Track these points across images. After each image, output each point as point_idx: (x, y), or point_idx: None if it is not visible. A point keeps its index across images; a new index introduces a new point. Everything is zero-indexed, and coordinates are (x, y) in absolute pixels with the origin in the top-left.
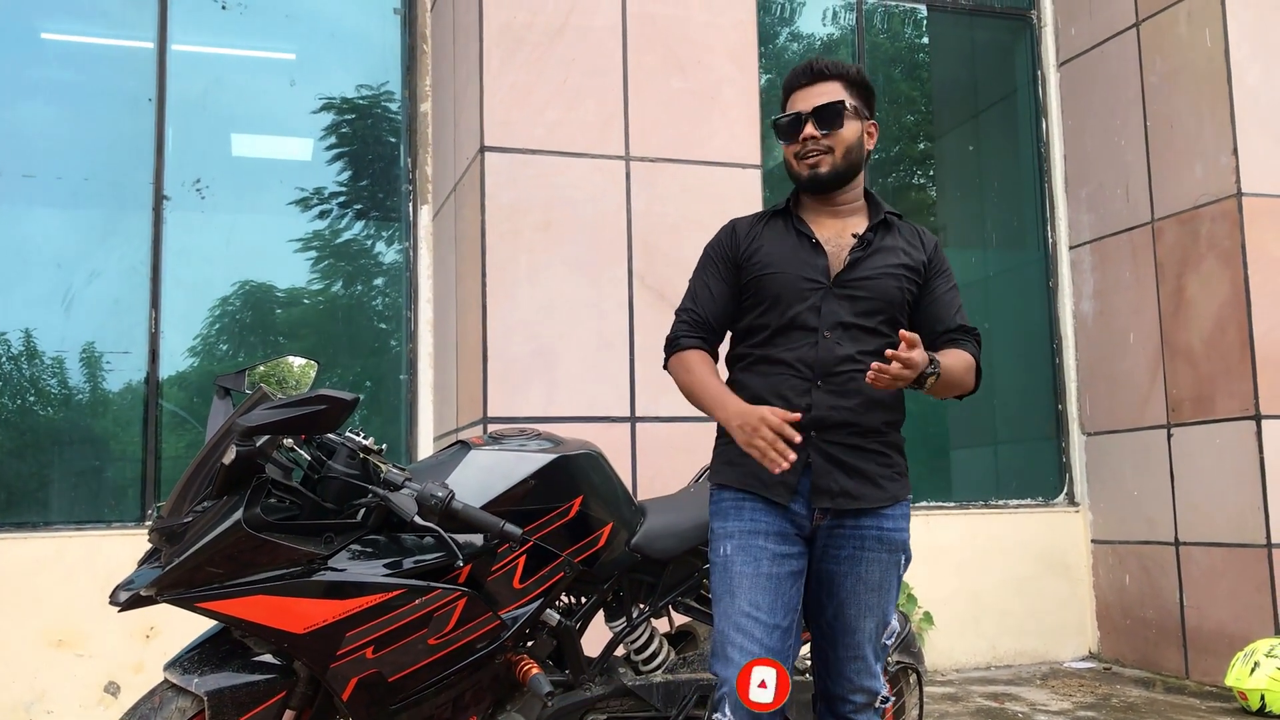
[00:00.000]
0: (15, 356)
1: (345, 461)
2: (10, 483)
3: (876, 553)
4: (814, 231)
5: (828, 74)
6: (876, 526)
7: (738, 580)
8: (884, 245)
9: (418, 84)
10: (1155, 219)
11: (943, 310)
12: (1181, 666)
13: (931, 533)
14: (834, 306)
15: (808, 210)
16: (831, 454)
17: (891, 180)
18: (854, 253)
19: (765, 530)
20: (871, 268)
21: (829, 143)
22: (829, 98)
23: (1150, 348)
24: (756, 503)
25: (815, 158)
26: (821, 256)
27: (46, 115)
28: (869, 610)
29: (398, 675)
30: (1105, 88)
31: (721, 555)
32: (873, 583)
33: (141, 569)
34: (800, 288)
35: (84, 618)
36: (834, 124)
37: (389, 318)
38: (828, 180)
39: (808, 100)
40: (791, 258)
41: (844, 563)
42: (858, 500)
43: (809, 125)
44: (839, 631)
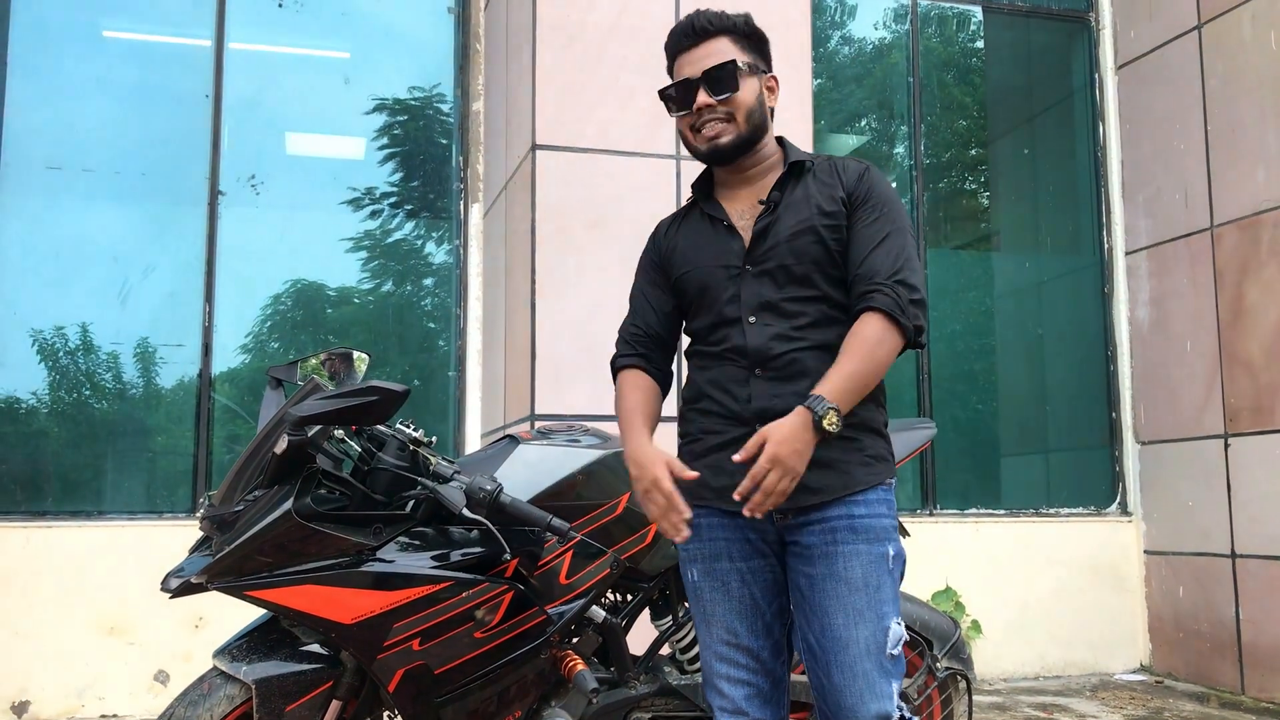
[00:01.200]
0: (72, 350)
1: (395, 453)
2: (66, 473)
3: (852, 545)
4: (726, 212)
5: (712, 29)
6: (847, 515)
7: (710, 608)
8: (794, 200)
9: (470, 83)
10: (1215, 225)
11: (859, 254)
12: (1237, 681)
13: (981, 540)
14: (754, 288)
15: (720, 186)
16: None
17: (944, 186)
18: (760, 221)
19: (726, 550)
20: (782, 232)
21: (727, 108)
22: (719, 58)
23: (1208, 356)
24: (711, 517)
25: (716, 127)
26: (736, 239)
27: (106, 111)
28: (859, 616)
29: (444, 668)
30: (1165, 91)
31: (690, 581)
32: (855, 581)
33: (192, 556)
34: (720, 277)
35: (135, 607)
36: (729, 87)
37: (438, 316)
38: (730, 150)
39: (695, 64)
40: (706, 248)
41: (818, 562)
42: (817, 493)
43: (701, 92)
44: (830, 649)
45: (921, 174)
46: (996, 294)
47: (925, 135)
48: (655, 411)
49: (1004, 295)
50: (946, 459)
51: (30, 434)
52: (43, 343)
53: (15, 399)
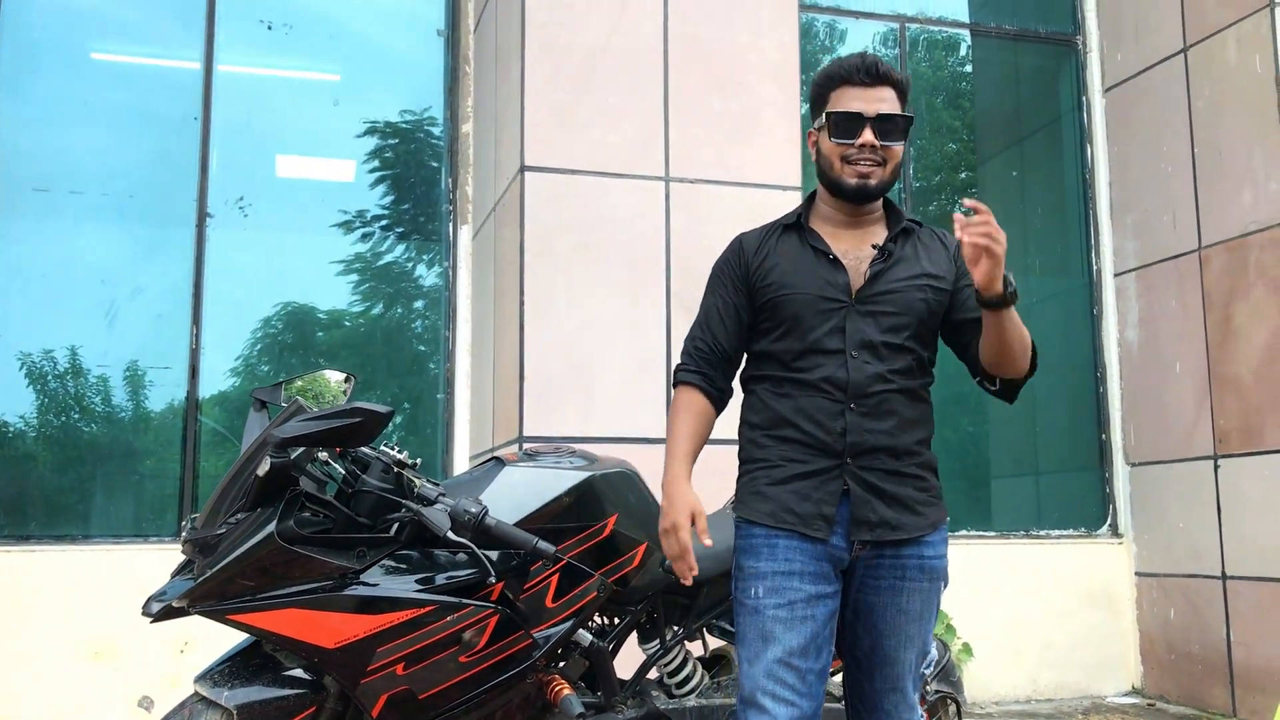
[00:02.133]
0: (59, 373)
1: (379, 476)
2: (51, 496)
3: (918, 582)
4: (830, 246)
5: (890, 80)
6: (918, 555)
7: (771, 624)
8: (905, 255)
9: (459, 105)
10: (1202, 246)
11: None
12: (1229, 704)
13: (971, 563)
14: (858, 325)
15: (823, 221)
16: (869, 481)
17: (934, 208)
18: (874, 265)
19: (800, 570)
20: (894, 280)
21: (885, 155)
22: (891, 108)
23: (1197, 377)
24: (790, 540)
25: (868, 167)
26: (841, 273)
27: (94, 134)
28: (909, 641)
29: (428, 693)
30: (1152, 113)
31: (752, 597)
32: (914, 613)
33: (174, 580)
34: (821, 308)
35: (120, 631)
36: (894, 137)
37: (428, 339)
38: (875, 193)
39: (868, 103)
40: (809, 275)
41: (884, 594)
42: (898, 530)
43: (868, 131)
44: (878, 663)
45: (911, 197)
46: None
47: (915, 158)
48: (704, 436)
49: None
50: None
51: (15, 457)
52: (30, 365)
53: (0, 422)
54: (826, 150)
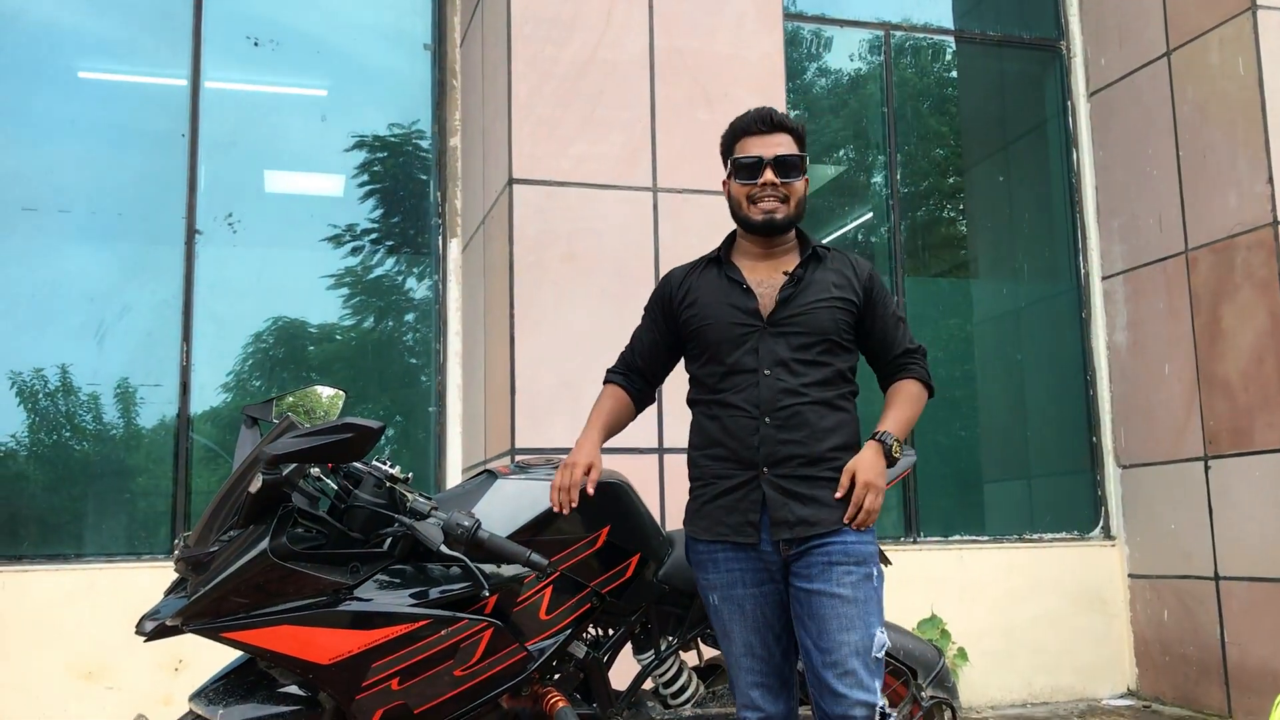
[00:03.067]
0: (51, 392)
1: (372, 490)
2: (43, 515)
3: (844, 565)
4: (745, 276)
5: (785, 127)
6: (841, 543)
7: (729, 626)
8: (815, 279)
9: (447, 119)
10: (1189, 249)
11: (888, 337)
12: (1224, 704)
13: (965, 567)
14: (771, 345)
15: (741, 254)
16: (784, 486)
17: (921, 214)
18: (784, 290)
19: (741, 578)
20: (803, 303)
21: (786, 191)
22: (787, 149)
23: (1186, 379)
24: (728, 551)
25: (772, 204)
26: (752, 299)
27: (81, 152)
28: (849, 624)
29: (424, 707)
30: (1136, 117)
31: (712, 605)
32: (846, 595)
33: (168, 599)
34: (735, 333)
35: (113, 650)
36: (792, 174)
37: (419, 352)
38: (781, 226)
39: (766, 148)
40: (723, 304)
41: (816, 580)
42: (814, 526)
43: (769, 171)
44: (825, 649)
45: (898, 203)
46: (975, 321)
47: (901, 164)
48: (618, 418)
49: (983, 322)
50: (929, 486)
51: (6, 477)
52: (20, 384)
53: None
54: (735, 193)
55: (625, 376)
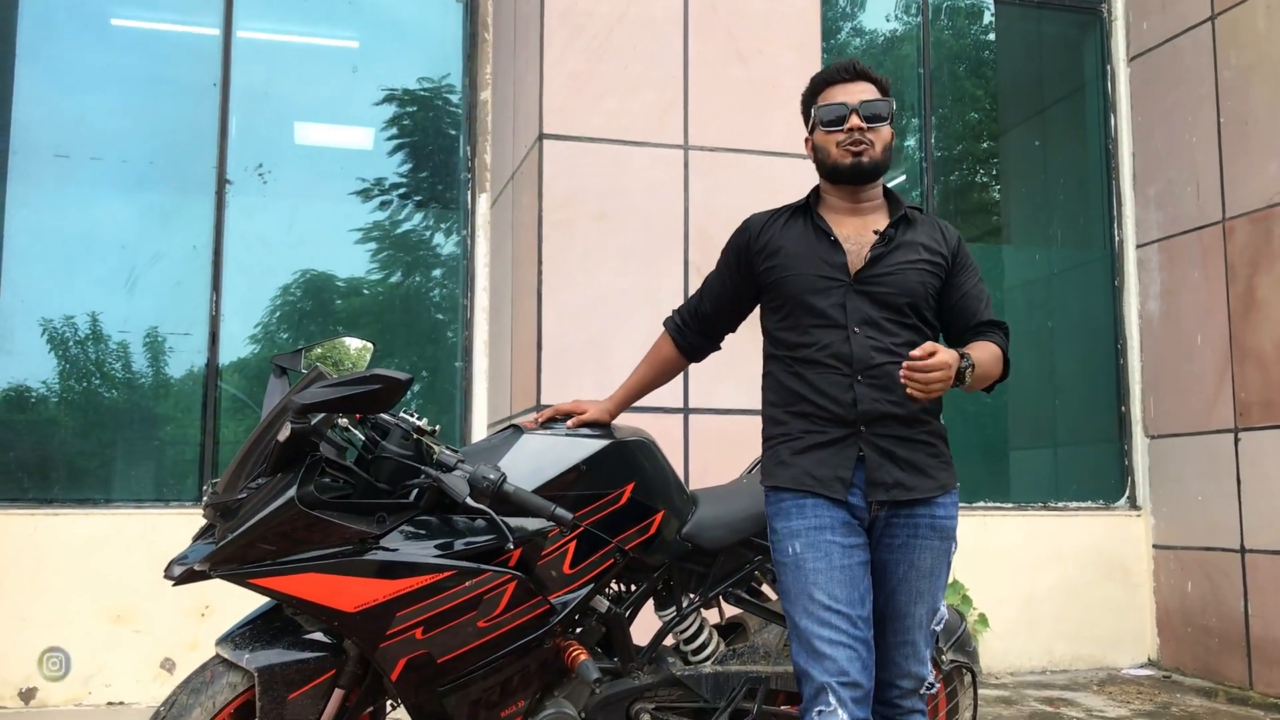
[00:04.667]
0: (80, 339)
1: (399, 442)
2: (73, 461)
3: (929, 540)
4: (833, 229)
5: (869, 76)
6: (929, 515)
7: (813, 576)
8: (905, 240)
9: (478, 72)
10: (1226, 218)
11: (970, 305)
12: (1245, 677)
13: (988, 534)
14: (858, 303)
15: (829, 208)
16: (883, 447)
17: (955, 179)
18: (875, 249)
19: (830, 525)
20: (893, 263)
21: (873, 137)
22: (874, 95)
23: (1218, 350)
24: (817, 500)
25: (860, 146)
26: (840, 254)
27: (114, 100)
28: (920, 596)
29: (446, 657)
30: (1177, 83)
31: (791, 555)
32: (924, 569)
33: (196, 544)
34: (820, 286)
35: (141, 595)
36: (879, 121)
37: (446, 307)
38: (869, 170)
39: (851, 94)
40: (809, 256)
41: (897, 550)
42: (912, 491)
43: (854, 117)
44: (890, 618)
45: (931, 166)
46: (1006, 287)
47: (936, 127)
48: (657, 380)
49: (1013, 288)
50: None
51: (38, 422)
52: (51, 331)
53: (23, 387)
54: (821, 143)
55: (680, 326)
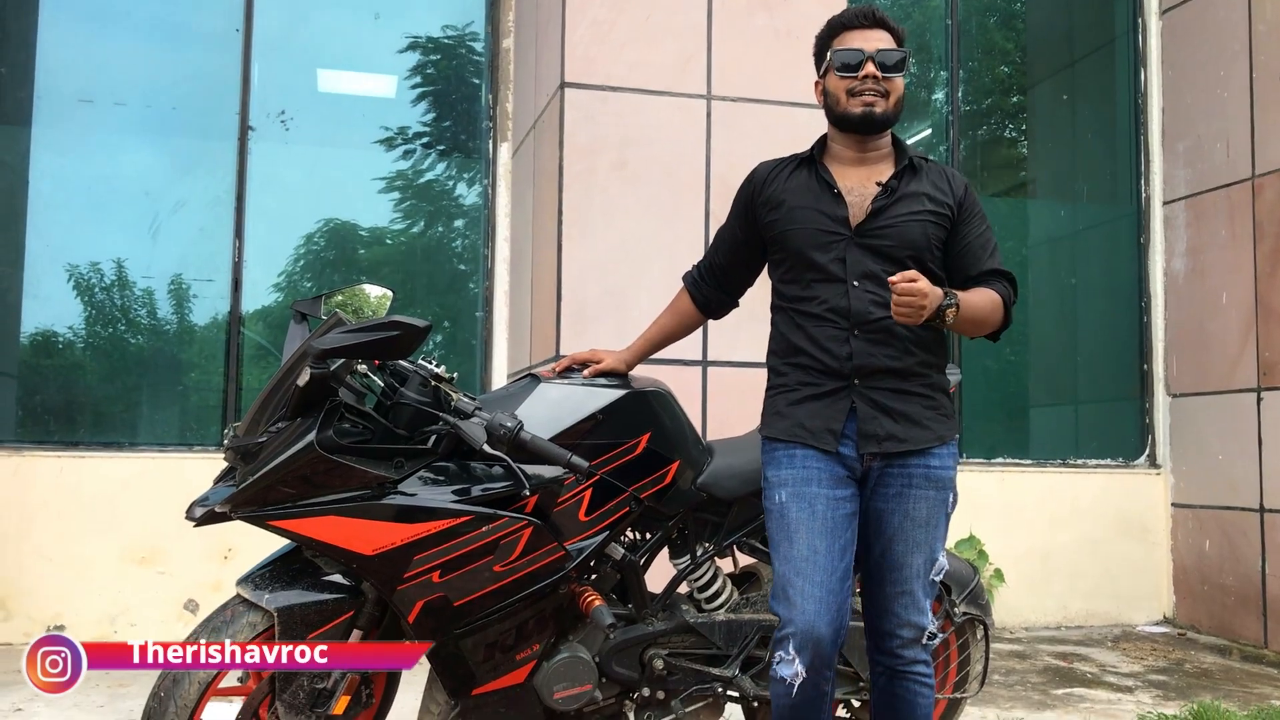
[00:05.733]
0: (107, 285)
1: (417, 389)
2: (99, 405)
3: (924, 490)
4: (837, 180)
5: (887, 25)
6: (924, 465)
7: (794, 525)
8: (909, 191)
9: (501, 19)
10: (1256, 175)
11: (973, 254)
12: (1260, 635)
13: (1006, 490)
14: (858, 256)
15: (834, 158)
16: (875, 399)
17: (983, 133)
18: (877, 201)
19: (818, 476)
20: (895, 215)
21: (887, 86)
22: (891, 45)
23: (1244, 309)
24: (807, 451)
25: (872, 97)
26: (842, 206)
27: (137, 45)
28: (917, 546)
29: (463, 600)
30: (1209, 37)
31: (777, 503)
32: (920, 519)
33: (217, 486)
34: (820, 240)
35: (165, 537)
36: (894, 71)
37: (467, 257)
38: (879, 122)
39: (868, 42)
40: (811, 209)
41: (892, 500)
42: (904, 443)
43: (870, 65)
44: (887, 568)
45: (958, 120)
46: (1031, 243)
47: (964, 81)
48: (676, 333)
49: (1038, 244)
50: (975, 408)
51: (64, 366)
52: (77, 277)
53: (50, 332)
54: (833, 88)
55: (696, 279)
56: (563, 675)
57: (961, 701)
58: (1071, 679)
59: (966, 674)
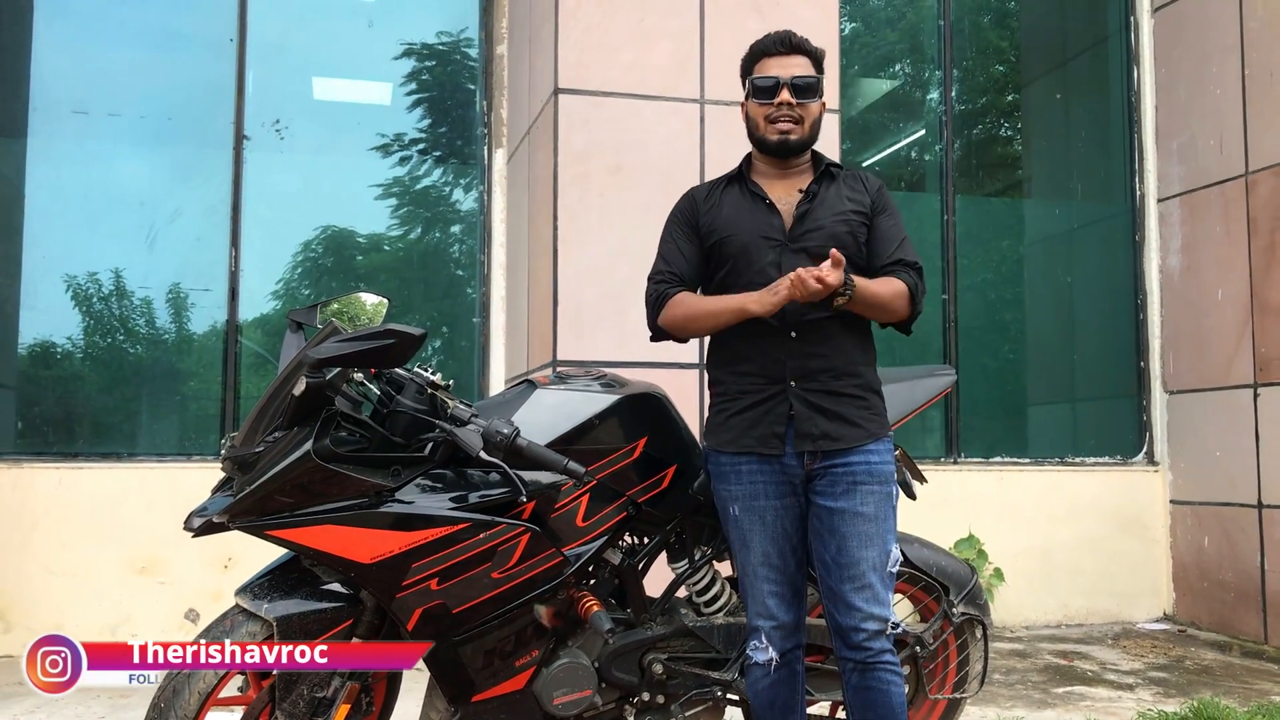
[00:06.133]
0: (105, 296)
1: (413, 396)
2: (97, 415)
3: (869, 485)
4: (766, 192)
5: (804, 49)
6: (865, 462)
7: (749, 536)
8: (829, 195)
9: (494, 25)
10: (1250, 172)
11: (883, 246)
12: (1260, 631)
13: (1005, 489)
14: (793, 261)
15: (760, 174)
16: (811, 401)
17: (978, 132)
18: (800, 206)
19: (764, 490)
20: (819, 218)
21: (801, 113)
22: (805, 71)
23: (1239, 305)
24: (752, 463)
25: (787, 124)
26: (776, 215)
27: (131, 55)
28: (868, 541)
29: (461, 607)
30: (1202, 34)
31: (730, 515)
32: (868, 514)
33: (215, 496)
34: (760, 247)
35: (165, 546)
36: (808, 95)
37: (464, 263)
38: (795, 147)
39: (784, 69)
40: (748, 220)
41: (839, 498)
42: (838, 441)
43: (785, 91)
44: (845, 564)
45: (951, 119)
46: (1026, 241)
47: (958, 80)
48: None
49: (1034, 243)
50: (972, 407)
51: (62, 377)
52: (74, 287)
53: (48, 343)
54: (753, 113)
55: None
56: (562, 681)
57: (961, 701)
58: (1072, 677)
59: (966, 674)
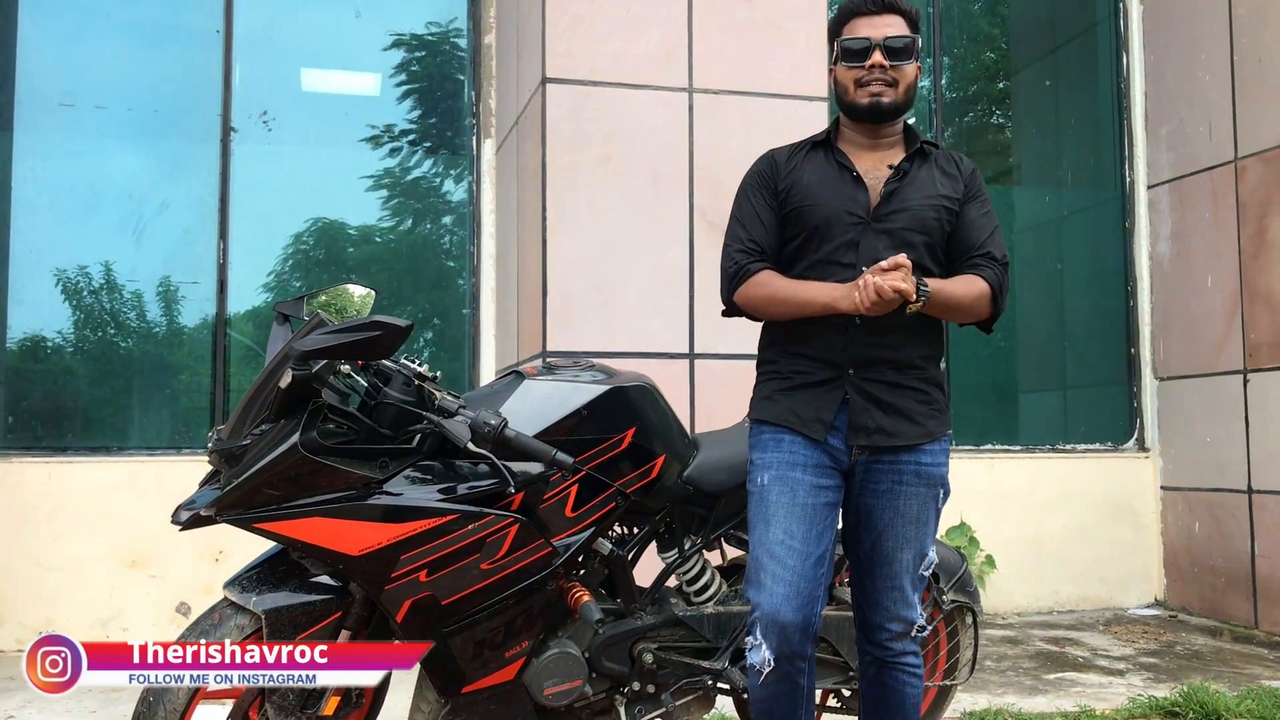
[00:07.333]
0: (95, 289)
1: (401, 388)
2: (87, 409)
3: (914, 487)
4: (854, 164)
5: (896, 8)
6: (915, 462)
7: (773, 509)
8: (920, 176)
9: (482, 15)
10: (1239, 157)
11: (971, 235)
12: (1251, 616)
13: (996, 476)
14: (872, 242)
15: (847, 143)
16: (869, 391)
17: (969, 119)
18: (889, 184)
19: (803, 463)
20: (907, 199)
21: (895, 75)
22: (899, 31)
23: (1229, 291)
24: (795, 437)
25: (880, 87)
26: (863, 190)
27: (117, 48)
28: (906, 542)
29: (451, 599)
30: (1190, 21)
31: (758, 485)
32: (910, 516)
33: (202, 489)
34: (843, 222)
35: (156, 540)
36: (903, 58)
37: (454, 254)
38: (888, 111)
39: (876, 29)
40: (832, 190)
41: (882, 497)
42: (894, 437)
43: (877, 53)
44: (876, 563)
45: (941, 108)
46: (1017, 229)
47: (948, 68)
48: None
49: (1024, 230)
50: (963, 394)
51: (51, 371)
52: (63, 281)
53: (37, 336)
54: (842, 77)
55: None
56: (552, 671)
57: (952, 688)
58: (1063, 663)
59: (956, 661)
